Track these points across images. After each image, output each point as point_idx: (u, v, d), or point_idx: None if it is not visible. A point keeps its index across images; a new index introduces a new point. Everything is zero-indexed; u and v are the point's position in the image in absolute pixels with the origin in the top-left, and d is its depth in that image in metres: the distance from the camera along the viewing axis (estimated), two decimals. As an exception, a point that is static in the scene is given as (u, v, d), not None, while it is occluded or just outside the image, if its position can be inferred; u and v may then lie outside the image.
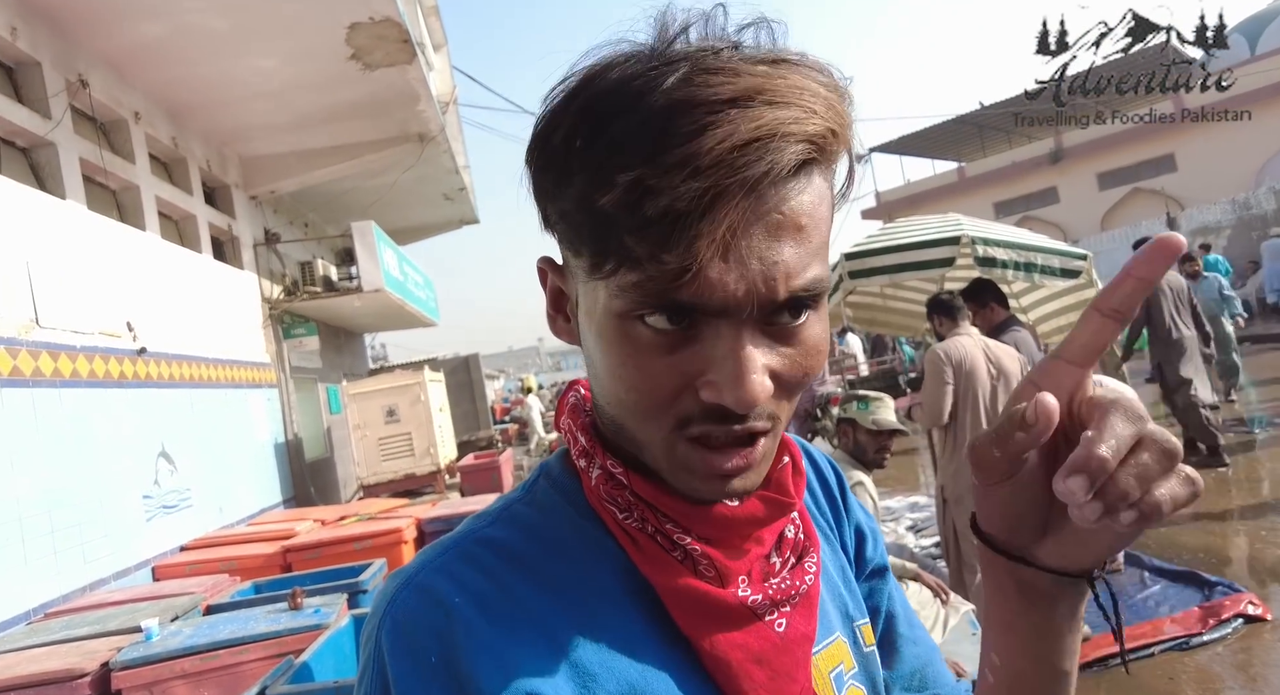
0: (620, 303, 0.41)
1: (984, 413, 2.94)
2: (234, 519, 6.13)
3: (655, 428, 0.43)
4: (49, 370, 4.18)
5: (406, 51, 6.17)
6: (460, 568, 0.45)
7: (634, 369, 0.42)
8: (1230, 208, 16.14)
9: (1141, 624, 3.18)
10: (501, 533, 0.48)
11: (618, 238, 0.39)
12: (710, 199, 0.37)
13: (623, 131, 0.39)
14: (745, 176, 0.37)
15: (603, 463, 0.48)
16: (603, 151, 0.39)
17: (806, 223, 0.40)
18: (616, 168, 0.38)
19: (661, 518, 0.47)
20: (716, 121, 0.37)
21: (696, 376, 0.41)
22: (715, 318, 0.40)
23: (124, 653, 2.90)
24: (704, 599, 0.45)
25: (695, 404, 0.41)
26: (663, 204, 0.37)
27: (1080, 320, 0.39)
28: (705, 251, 0.38)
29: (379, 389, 8.56)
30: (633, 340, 0.41)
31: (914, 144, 24.51)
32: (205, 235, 6.83)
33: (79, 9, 4.93)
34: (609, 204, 0.39)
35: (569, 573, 0.46)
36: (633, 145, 0.38)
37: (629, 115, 0.39)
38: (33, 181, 4.71)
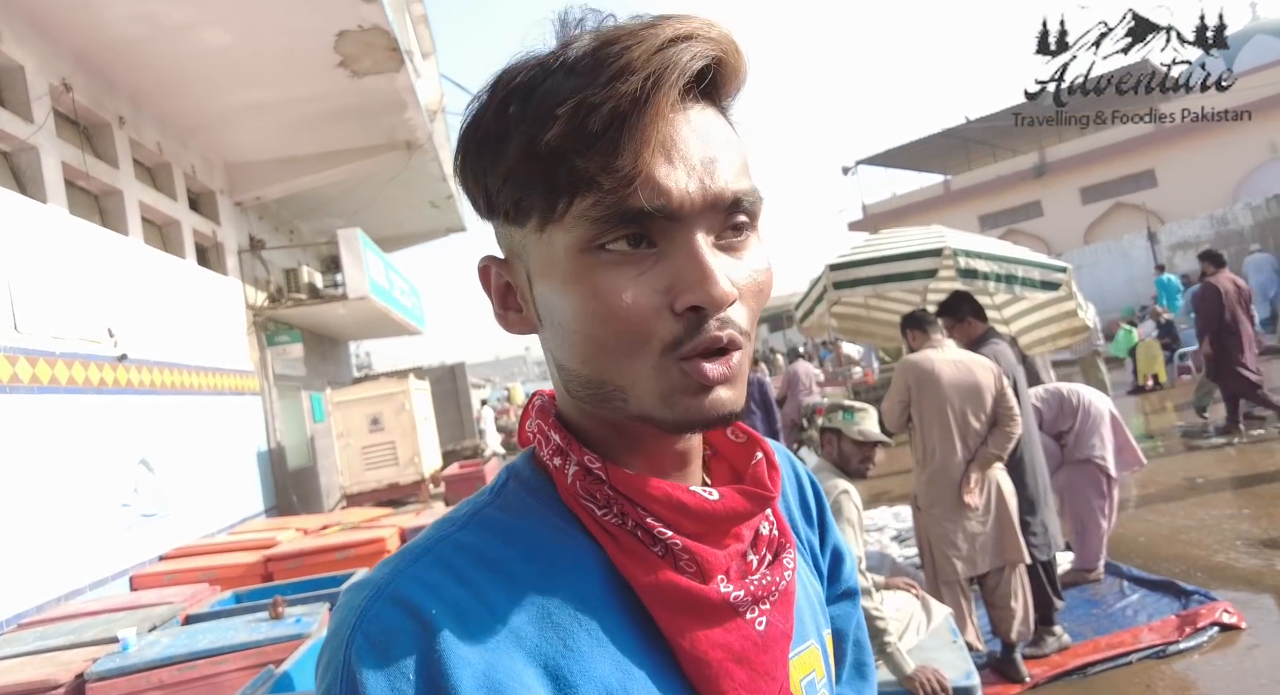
0: (581, 232, 0.42)
1: (953, 424, 2.97)
2: (215, 528, 6.06)
3: (641, 357, 0.43)
4: (27, 376, 4.13)
5: (394, 59, 6.18)
6: (435, 576, 0.42)
7: (607, 298, 0.42)
8: (1209, 223, 16.42)
9: (1120, 632, 3.21)
10: (474, 537, 0.46)
11: (568, 165, 0.41)
12: (650, 89, 0.40)
13: (556, 78, 0.42)
14: (679, 66, 0.40)
15: (580, 458, 0.47)
16: (540, 99, 0.42)
17: (729, 138, 0.44)
18: (555, 105, 0.41)
19: (642, 512, 0.46)
20: (640, 37, 0.41)
21: (667, 292, 0.42)
22: (672, 231, 0.42)
23: (100, 664, 2.85)
24: (685, 595, 0.45)
25: (674, 322, 0.42)
26: (606, 110, 0.40)
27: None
28: (652, 145, 0.40)
29: (363, 397, 8.50)
30: (600, 270, 0.42)
31: (900, 157, 24.79)
32: (189, 241, 6.78)
33: (64, 13, 4.90)
34: (554, 136, 0.41)
35: (545, 576, 0.45)
36: (568, 82, 0.41)
37: (557, 68, 0.42)
38: (14, 185, 4.66)
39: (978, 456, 2.98)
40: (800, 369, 7.75)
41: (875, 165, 25.24)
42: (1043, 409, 3.92)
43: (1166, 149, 20.34)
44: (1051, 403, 3.99)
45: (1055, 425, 3.97)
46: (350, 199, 9.32)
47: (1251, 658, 2.92)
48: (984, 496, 2.98)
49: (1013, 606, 2.98)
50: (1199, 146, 19.73)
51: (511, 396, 28.37)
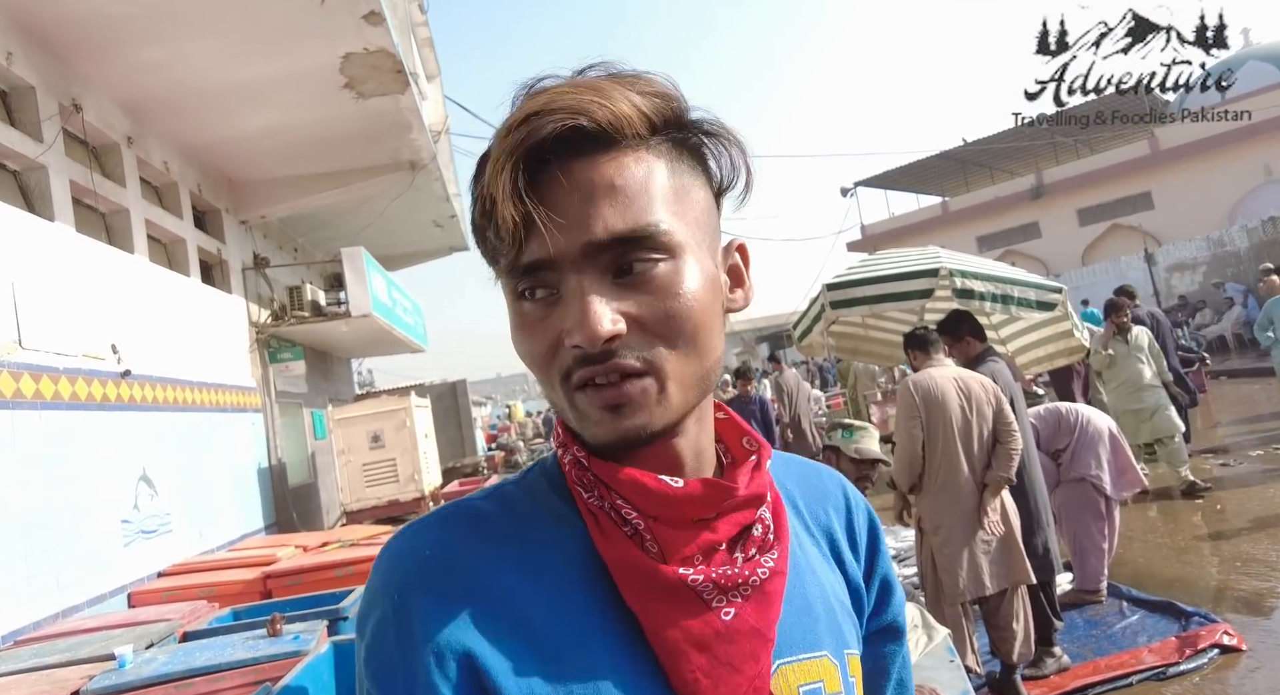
0: (508, 286, 0.52)
1: (957, 442, 2.98)
2: (214, 544, 6.05)
3: (552, 386, 0.52)
4: (30, 392, 4.15)
5: (400, 81, 6.28)
6: (439, 529, 0.53)
7: (523, 338, 0.52)
8: (1206, 245, 16.52)
9: (1120, 654, 3.20)
10: (485, 506, 0.55)
11: (485, 239, 0.51)
12: (496, 176, 0.48)
13: (479, 165, 0.52)
14: (511, 147, 0.48)
15: (571, 449, 0.54)
16: (473, 186, 0.53)
17: (619, 183, 0.49)
18: (474, 191, 0.52)
19: (614, 495, 0.52)
20: (505, 127, 0.49)
21: (560, 331, 0.49)
22: (563, 280, 0.49)
23: (95, 681, 2.85)
24: (645, 571, 0.49)
25: (568, 356, 0.49)
26: (486, 198, 0.49)
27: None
28: (510, 216, 0.47)
29: (364, 414, 8.51)
30: (519, 315, 0.52)
31: (899, 178, 24.98)
32: (194, 259, 6.84)
33: (76, 35, 4.99)
34: (475, 217, 0.52)
35: (537, 544, 0.52)
36: (479, 170, 0.52)
37: (485, 153, 0.52)
38: (22, 204, 4.72)
39: (989, 481, 2.96)
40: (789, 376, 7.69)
41: (874, 187, 25.42)
42: (1039, 426, 3.92)
43: (1163, 171, 20.50)
44: (1049, 421, 3.99)
45: (1051, 443, 3.97)
46: (354, 218, 9.40)
47: (1253, 680, 2.91)
48: (995, 522, 2.97)
49: (1014, 628, 2.97)
50: (1195, 169, 19.89)
51: (512, 414, 28.30)
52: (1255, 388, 10.70)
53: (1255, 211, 17.61)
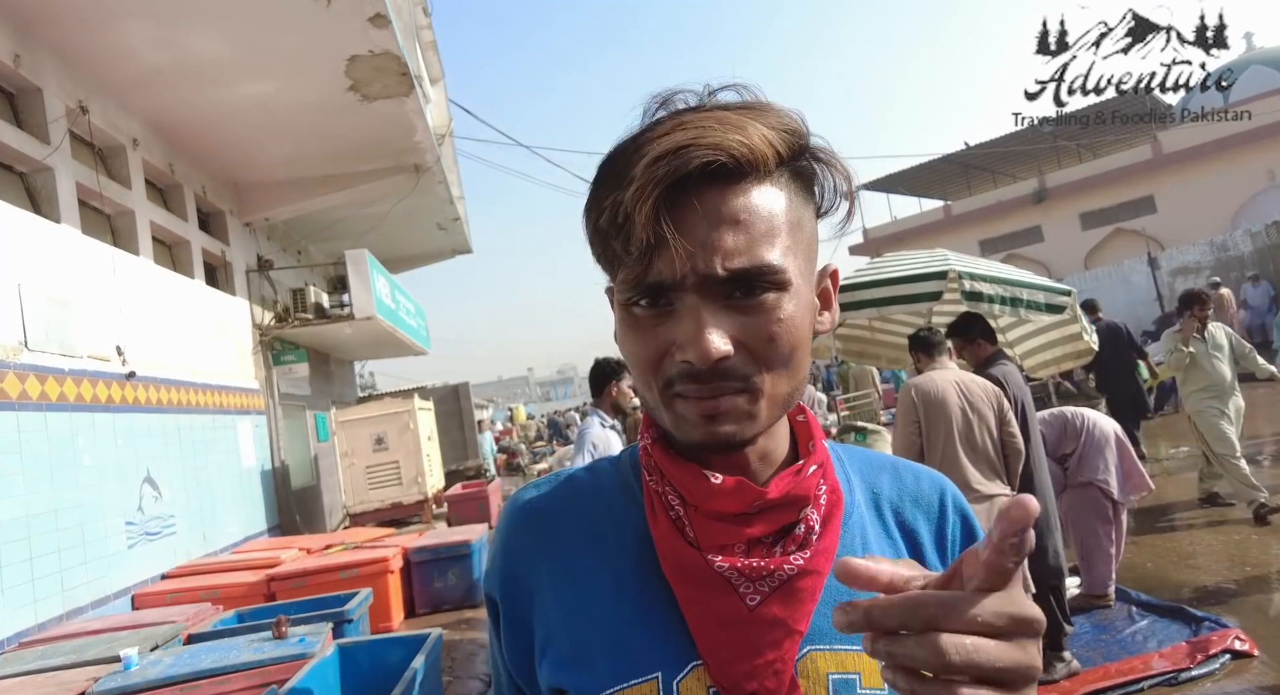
0: (622, 295, 0.55)
1: (959, 445, 2.97)
2: (218, 547, 6.04)
3: (653, 391, 0.56)
4: (35, 393, 4.15)
5: (404, 84, 6.28)
6: (545, 486, 0.66)
7: (633, 341, 0.56)
8: (1209, 249, 16.48)
9: (1130, 659, 3.18)
10: (581, 475, 0.67)
11: (608, 246, 0.54)
12: (636, 199, 0.50)
13: (605, 173, 0.55)
14: (659, 177, 0.50)
15: (645, 437, 0.62)
16: (597, 191, 0.55)
17: (744, 217, 0.52)
18: (600, 198, 0.54)
19: (666, 485, 0.58)
20: (644, 151, 0.51)
21: (669, 345, 0.53)
22: (679, 297, 0.52)
23: (102, 683, 2.84)
24: (679, 553, 0.56)
25: (674, 367, 0.53)
26: (619, 210, 0.51)
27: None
28: (646, 237, 0.51)
29: (367, 416, 8.50)
30: (630, 323, 0.56)
31: (901, 182, 24.96)
32: (198, 261, 6.84)
33: (83, 37, 5.00)
34: (600, 224, 0.54)
35: (606, 513, 0.62)
36: (607, 180, 0.54)
37: (610, 161, 0.55)
38: (28, 205, 4.73)
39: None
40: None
41: (876, 191, 25.41)
42: (1045, 432, 3.90)
43: (1166, 175, 20.48)
44: (1054, 425, 3.97)
45: (1058, 448, 3.95)
46: (358, 221, 9.40)
47: (1265, 685, 2.89)
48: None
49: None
50: (1198, 173, 19.87)
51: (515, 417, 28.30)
52: (1260, 392, 10.66)
53: (1258, 216, 17.58)
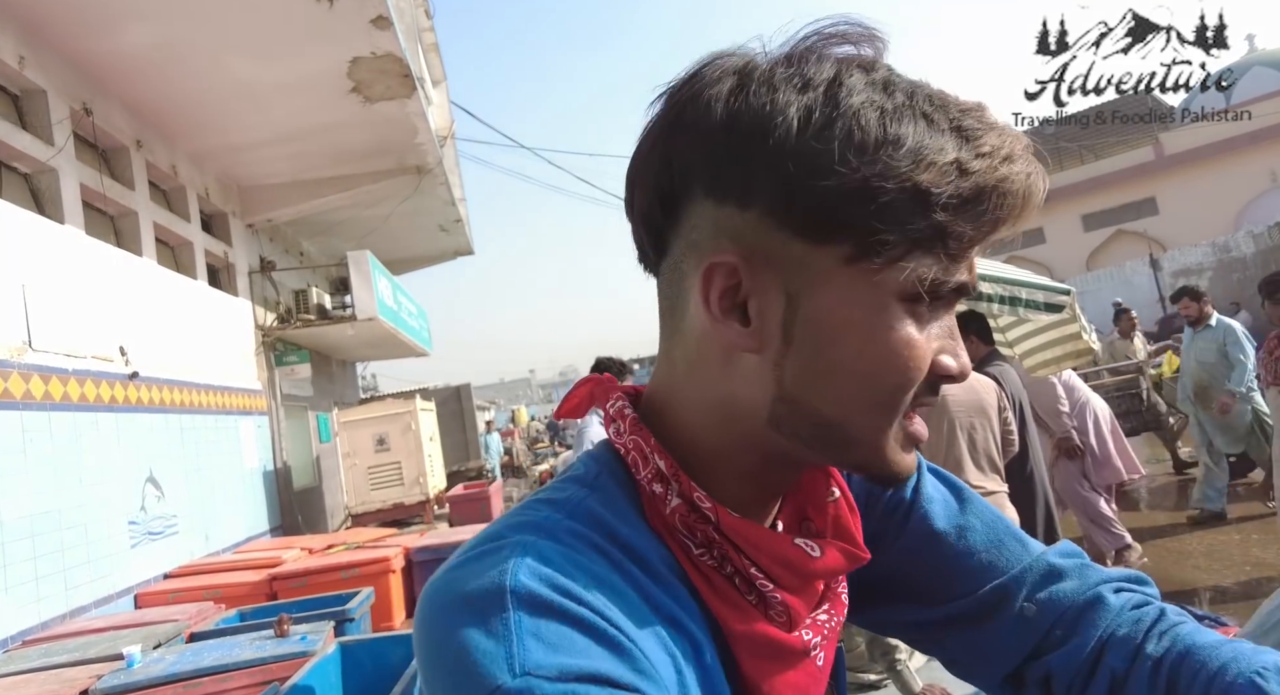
0: (918, 287, 0.41)
1: (962, 444, 2.97)
2: (220, 546, 6.05)
3: (895, 411, 0.44)
4: (39, 393, 4.17)
5: (407, 86, 6.31)
6: (561, 553, 0.43)
7: (914, 349, 0.43)
8: (1211, 250, 16.48)
9: (1130, 657, 3.19)
10: (583, 528, 0.45)
11: (928, 218, 0.40)
12: (1019, 180, 0.41)
13: (915, 123, 0.41)
14: (1032, 165, 0.42)
15: (689, 494, 0.45)
16: (912, 136, 0.40)
17: None
18: (931, 150, 0.40)
19: (747, 561, 0.46)
20: (992, 125, 0.42)
21: (936, 354, 0.44)
22: (948, 305, 0.45)
23: (104, 680, 2.85)
24: (776, 645, 0.46)
25: (924, 382, 0.44)
26: (984, 182, 0.40)
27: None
28: (1005, 225, 0.42)
29: (369, 417, 8.53)
30: (911, 323, 0.43)
31: (903, 183, 24.96)
32: (201, 262, 6.87)
33: (87, 40, 5.03)
34: (927, 183, 0.39)
35: (650, 581, 0.44)
36: (933, 134, 0.41)
37: (907, 111, 0.41)
38: (32, 206, 4.75)
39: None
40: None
41: (878, 191, 25.41)
42: (1042, 388, 4.26)
43: (1168, 177, 20.48)
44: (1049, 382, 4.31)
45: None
46: (360, 222, 9.43)
47: (1263, 683, 2.89)
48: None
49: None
50: (1201, 175, 19.87)
51: (516, 418, 28.31)
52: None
53: (1261, 217, 17.57)
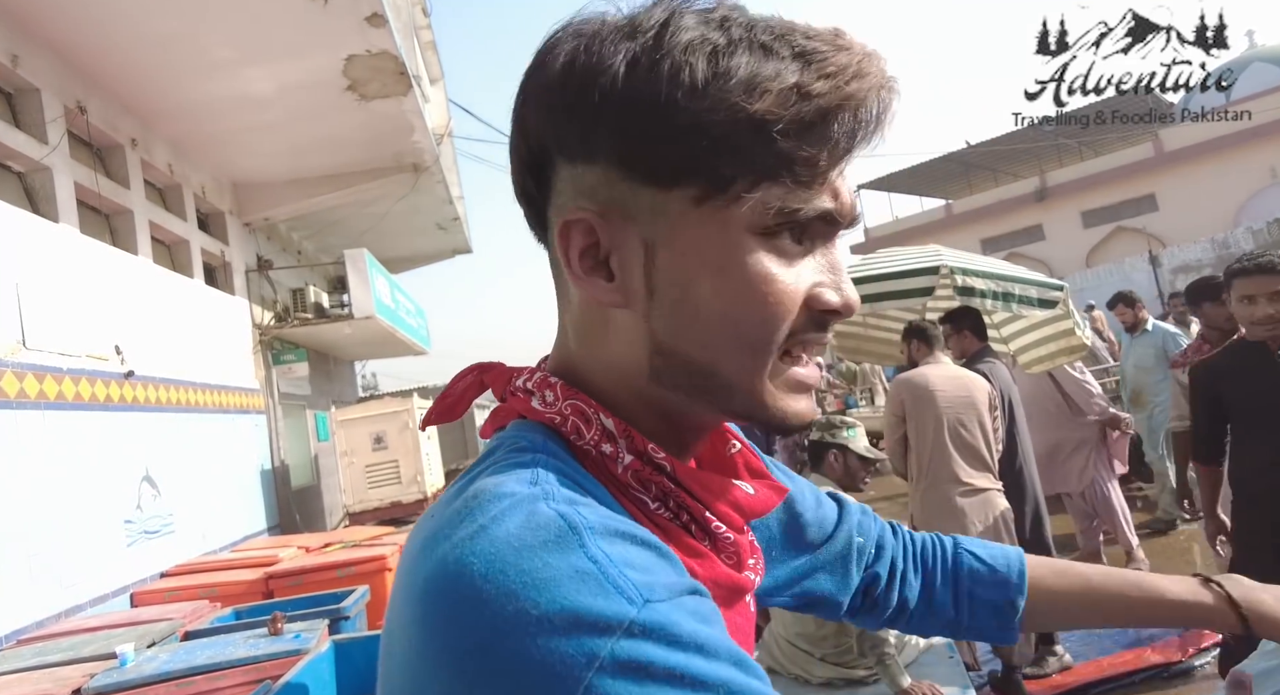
0: (759, 217, 0.40)
1: (948, 440, 2.96)
2: (217, 545, 6.06)
3: (767, 349, 0.42)
4: (34, 392, 4.17)
5: (403, 84, 6.30)
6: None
7: (773, 284, 0.41)
8: (1210, 247, 16.46)
9: (1122, 652, 3.19)
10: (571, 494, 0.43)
11: (770, 146, 0.38)
12: (875, 98, 0.39)
13: (752, 54, 0.39)
14: (885, 79, 0.40)
15: (641, 447, 0.44)
16: (738, 67, 0.39)
17: None
18: (764, 77, 0.38)
19: (701, 506, 0.45)
20: (843, 47, 0.40)
21: (812, 289, 0.42)
22: (823, 236, 0.43)
23: (97, 679, 2.85)
24: (733, 585, 0.46)
25: (803, 316, 0.42)
26: (828, 102, 0.38)
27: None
28: (861, 145, 0.40)
29: (367, 416, 8.53)
30: (769, 257, 0.41)
31: (902, 181, 24.96)
32: (198, 261, 6.87)
33: (80, 37, 5.03)
34: (762, 112, 0.38)
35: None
36: (773, 55, 0.39)
37: (743, 43, 0.39)
38: (26, 205, 4.75)
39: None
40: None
41: (877, 190, 25.41)
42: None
43: (1167, 174, 20.45)
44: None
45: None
46: (357, 220, 9.43)
47: (1256, 679, 2.90)
48: (988, 521, 2.95)
49: (1014, 627, 2.96)
50: (1200, 171, 19.84)
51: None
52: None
53: (1260, 213, 17.54)
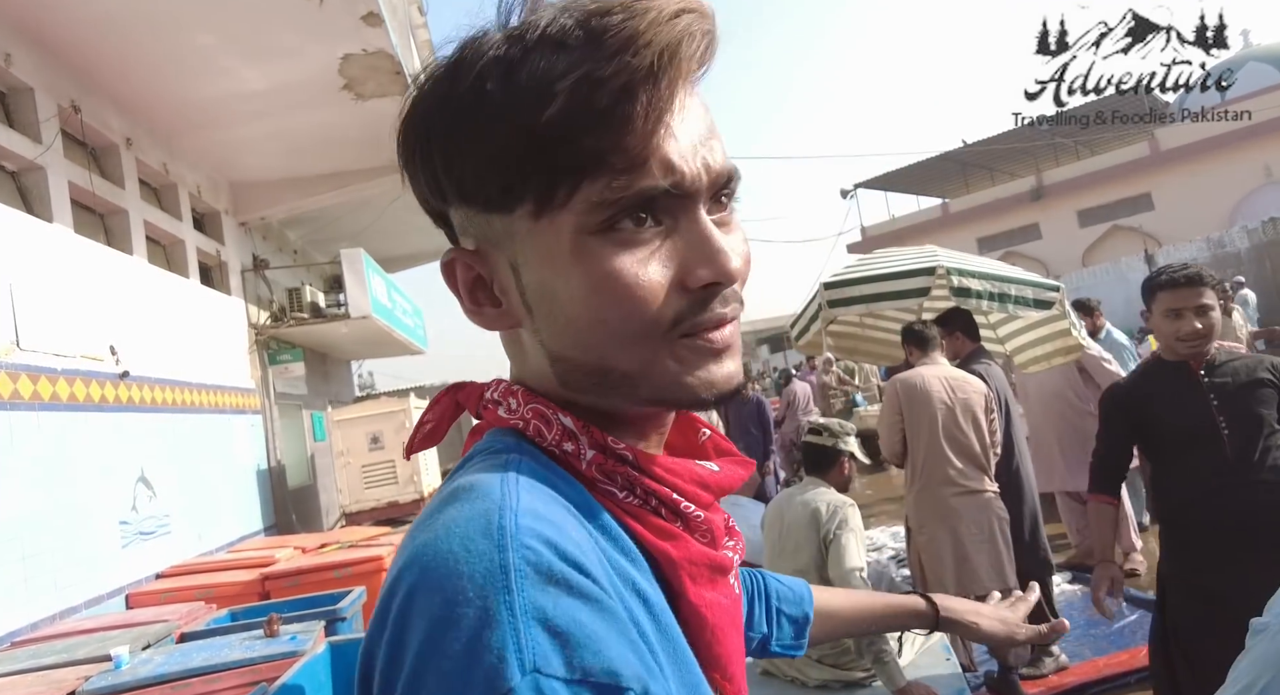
0: (589, 215, 0.40)
1: (942, 441, 2.97)
2: (213, 546, 6.04)
3: (650, 339, 0.42)
4: (28, 393, 4.15)
5: (399, 83, 6.28)
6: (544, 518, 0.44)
7: (621, 279, 0.41)
8: (1205, 246, 16.50)
9: (1119, 653, 3.19)
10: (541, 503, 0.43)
11: (573, 146, 0.39)
12: (668, 61, 0.38)
13: (543, 54, 0.39)
14: (695, 37, 0.39)
15: (601, 440, 0.45)
16: (529, 76, 0.39)
17: (711, 118, 0.44)
18: (552, 81, 0.38)
19: (668, 489, 0.45)
20: (643, 8, 0.39)
21: (679, 269, 0.42)
22: (679, 209, 0.42)
23: (91, 682, 2.84)
24: (712, 561, 0.45)
25: (682, 298, 0.42)
26: (616, 85, 0.38)
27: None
28: (666, 122, 0.39)
29: (363, 416, 8.51)
30: (611, 251, 0.41)
31: (899, 180, 24.98)
32: (193, 261, 6.84)
33: (74, 36, 5.00)
34: (557, 114, 0.38)
35: (610, 542, 0.42)
36: (562, 57, 0.39)
37: (538, 43, 0.40)
38: (20, 205, 4.73)
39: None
40: (798, 389, 7.76)
41: (874, 188, 25.43)
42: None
43: (1163, 173, 20.51)
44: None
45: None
46: (354, 220, 9.40)
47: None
48: (983, 522, 2.95)
49: (1009, 628, 2.96)
50: (1196, 170, 19.90)
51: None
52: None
53: (1256, 213, 17.60)
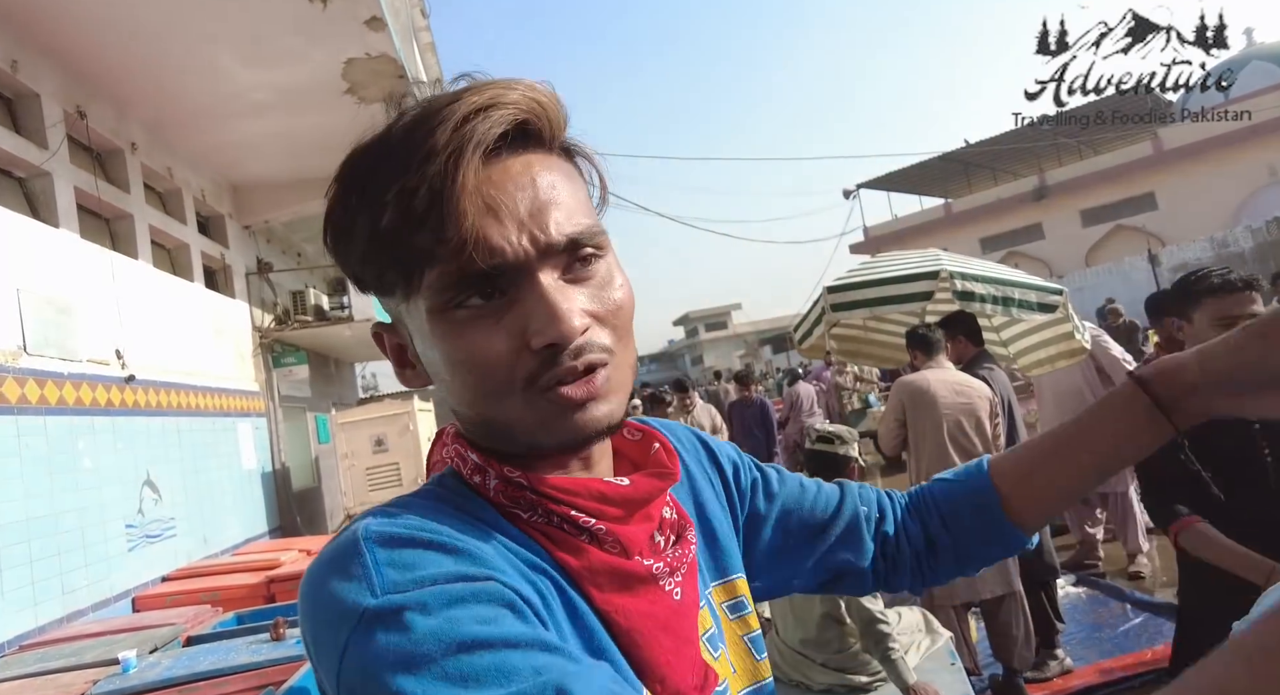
0: (439, 299, 0.48)
1: (948, 445, 2.97)
2: (219, 549, 6.06)
3: (511, 396, 0.48)
4: (35, 397, 4.17)
5: (402, 87, 6.29)
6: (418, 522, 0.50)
7: (471, 349, 0.47)
8: (1209, 245, 16.48)
9: (1124, 656, 3.20)
10: (433, 514, 0.49)
11: (407, 244, 0.47)
12: (452, 167, 0.45)
13: (383, 164, 0.48)
14: (475, 140, 0.45)
15: (499, 471, 0.51)
16: (372, 188, 0.48)
17: (558, 181, 0.50)
18: (383, 193, 0.47)
19: (565, 507, 0.50)
20: (442, 116, 0.46)
21: (522, 335, 0.47)
22: (518, 279, 0.47)
23: (100, 685, 2.86)
24: (615, 570, 0.50)
25: (533, 359, 0.47)
26: (423, 192, 0.45)
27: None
28: (470, 214, 0.45)
29: (368, 418, 8.52)
30: (459, 327, 0.48)
31: (901, 180, 24.96)
32: (198, 264, 6.87)
33: (80, 42, 5.03)
34: (389, 221, 0.46)
35: (502, 549, 0.48)
36: (390, 168, 0.47)
37: (383, 153, 0.48)
38: (27, 210, 4.75)
39: None
40: (802, 391, 7.77)
41: (877, 189, 25.42)
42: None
43: (1167, 172, 20.47)
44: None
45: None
46: (357, 222, 9.41)
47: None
48: None
49: (1014, 632, 2.97)
50: (1199, 170, 19.86)
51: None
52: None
53: (1260, 212, 17.56)
